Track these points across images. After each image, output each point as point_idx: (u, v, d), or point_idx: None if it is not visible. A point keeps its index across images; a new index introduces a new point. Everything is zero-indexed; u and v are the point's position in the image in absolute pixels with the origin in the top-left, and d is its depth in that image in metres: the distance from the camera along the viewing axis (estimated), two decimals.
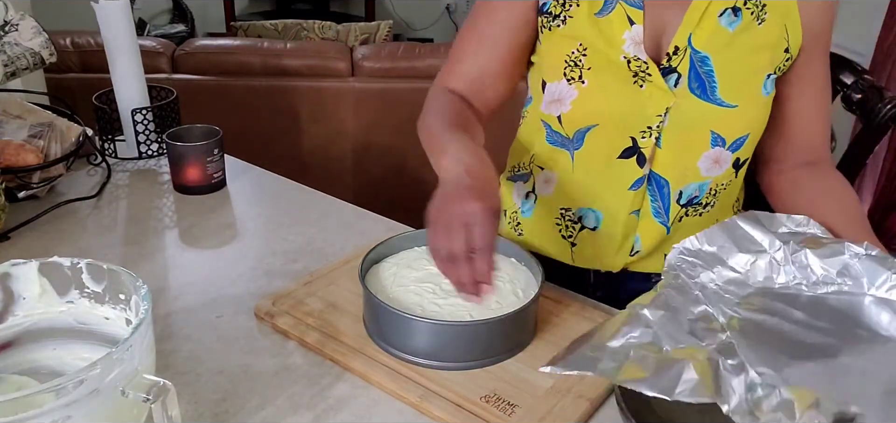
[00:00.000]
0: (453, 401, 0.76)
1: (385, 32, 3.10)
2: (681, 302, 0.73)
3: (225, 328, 0.90)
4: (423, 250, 0.97)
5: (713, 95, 0.92)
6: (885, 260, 0.76)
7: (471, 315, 0.84)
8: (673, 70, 0.93)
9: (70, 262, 0.69)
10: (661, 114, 0.93)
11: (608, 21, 0.93)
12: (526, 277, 0.92)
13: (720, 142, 0.95)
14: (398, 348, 0.83)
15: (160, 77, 2.26)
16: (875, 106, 1.49)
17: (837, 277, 0.77)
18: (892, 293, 0.74)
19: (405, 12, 4.72)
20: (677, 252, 0.81)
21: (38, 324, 0.70)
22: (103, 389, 0.55)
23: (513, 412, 0.74)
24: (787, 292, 0.77)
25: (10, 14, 1.27)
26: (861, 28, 2.82)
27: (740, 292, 0.77)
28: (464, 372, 0.81)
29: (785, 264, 0.79)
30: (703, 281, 0.77)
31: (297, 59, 2.35)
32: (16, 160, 1.16)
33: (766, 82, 0.94)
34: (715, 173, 0.98)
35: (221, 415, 0.75)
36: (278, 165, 1.46)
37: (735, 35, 0.92)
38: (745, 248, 0.81)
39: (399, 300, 0.86)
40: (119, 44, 1.36)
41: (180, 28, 4.07)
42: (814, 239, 0.82)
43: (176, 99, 1.45)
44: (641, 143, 0.95)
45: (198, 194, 1.27)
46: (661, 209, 1.00)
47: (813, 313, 0.74)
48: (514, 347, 0.84)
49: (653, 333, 0.67)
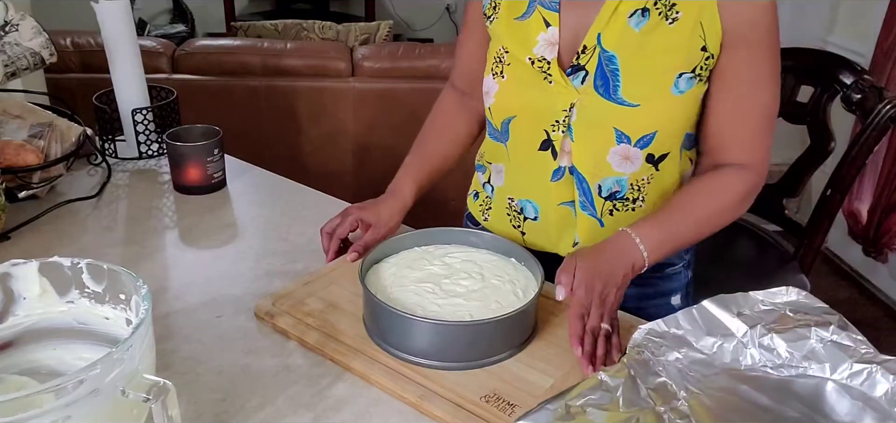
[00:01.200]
0: (453, 401, 0.77)
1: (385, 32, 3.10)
2: (642, 374, 0.77)
3: (225, 328, 0.90)
4: (422, 250, 0.98)
5: (615, 94, 0.96)
6: (848, 349, 0.79)
7: (471, 315, 0.84)
8: (581, 68, 0.98)
9: (70, 262, 0.69)
10: (566, 109, 0.99)
11: (526, 25, 1.02)
12: (526, 277, 0.93)
13: (625, 139, 0.98)
14: (398, 348, 0.83)
15: (160, 77, 2.26)
16: (875, 106, 1.49)
17: (802, 361, 0.80)
18: (852, 381, 0.76)
19: (405, 12, 4.71)
20: (644, 332, 0.83)
21: (38, 324, 0.70)
22: (103, 389, 0.55)
23: (513, 411, 0.75)
24: (754, 373, 0.80)
25: (10, 14, 1.27)
26: (861, 28, 2.82)
27: (706, 371, 0.80)
28: (464, 372, 0.81)
29: (751, 346, 0.81)
30: (667, 359, 0.80)
31: (297, 59, 2.34)
32: (16, 160, 1.16)
33: (677, 81, 0.95)
34: (628, 169, 1.00)
35: (221, 415, 0.75)
36: (278, 165, 1.45)
37: (642, 35, 0.95)
38: (712, 331, 0.83)
39: (399, 300, 0.87)
40: (119, 44, 1.37)
41: (180, 28, 4.07)
42: (782, 319, 0.84)
43: (176, 99, 1.45)
44: (553, 136, 1.02)
45: (198, 194, 1.27)
46: (588, 203, 1.04)
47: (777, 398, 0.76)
48: (514, 347, 0.85)
49: (611, 396, 0.72)
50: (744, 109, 0.97)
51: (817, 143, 1.62)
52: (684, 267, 1.13)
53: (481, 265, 0.95)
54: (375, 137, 2.41)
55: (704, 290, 0.98)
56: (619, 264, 0.89)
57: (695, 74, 0.95)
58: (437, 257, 0.97)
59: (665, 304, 1.12)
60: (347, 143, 2.44)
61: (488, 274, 0.94)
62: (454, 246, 1.00)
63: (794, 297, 0.86)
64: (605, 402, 0.72)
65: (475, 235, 1.01)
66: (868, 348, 0.78)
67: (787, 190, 1.67)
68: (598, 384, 0.74)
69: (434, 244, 1.00)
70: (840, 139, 1.62)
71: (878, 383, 0.75)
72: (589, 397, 0.72)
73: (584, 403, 0.71)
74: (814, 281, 1.57)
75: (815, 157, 1.62)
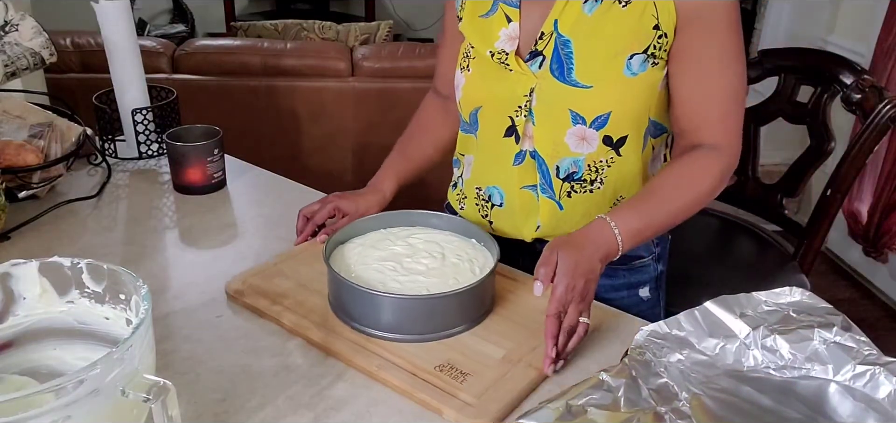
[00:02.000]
0: (409, 370, 0.82)
1: (385, 32, 3.10)
2: (643, 375, 0.77)
3: (225, 328, 0.90)
4: (387, 231, 1.03)
5: (569, 77, 1.00)
6: (851, 350, 0.79)
7: (428, 291, 0.89)
8: (539, 53, 1.02)
9: (70, 262, 0.69)
10: (527, 94, 1.03)
11: (489, 22, 1.07)
12: (484, 256, 0.97)
13: (581, 120, 1.01)
14: (359, 322, 0.88)
15: (160, 77, 2.26)
16: (875, 106, 1.49)
17: (805, 362, 0.79)
18: (855, 382, 0.76)
19: (405, 12, 4.71)
20: (646, 333, 0.83)
21: (39, 324, 0.70)
22: (103, 389, 0.55)
23: (464, 379, 0.80)
24: (756, 374, 0.80)
25: (10, 14, 1.27)
26: (861, 28, 2.82)
27: (708, 372, 0.79)
28: (421, 345, 0.86)
29: (754, 348, 0.81)
30: (669, 360, 0.80)
31: (297, 59, 2.34)
32: (16, 160, 1.16)
33: (629, 63, 0.98)
34: (585, 150, 1.03)
35: (221, 415, 0.75)
36: (278, 165, 1.46)
37: (594, 19, 0.99)
38: (714, 333, 0.83)
39: (361, 277, 0.91)
40: (119, 44, 1.37)
41: (180, 28, 4.07)
42: (785, 320, 0.83)
43: (176, 99, 1.44)
44: (517, 121, 1.05)
45: (198, 194, 1.27)
46: (547, 185, 1.07)
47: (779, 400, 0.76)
48: (469, 321, 0.90)
49: (612, 396, 0.73)
50: (708, 89, 0.99)
51: (817, 143, 1.62)
52: (653, 260, 1.15)
53: (443, 245, 1.00)
54: (375, 136, 2.41)
55: (704, 290, 0.99)
56: (597, 256, 0.90)
57: (648, 54, 0.97)
58: (401, 238, 1.02)
59: (633, 295, 1.14)
60: (347, 142, 2.44)
61: (449, 253, 0.98)
62: (418, 228, 1.04)
63: (798, 297, 0.85)
64: (607, 402, 0.72)
65: (438, 217, 1.05)
66: (871, 349, 0.78)
67: (787, 190, 1.67)
68: (599, 384, 0.74)
69: (399, 226, 1.04)
70: (840, 139, 1.62)
71: (881, 385, 0.74)
72: (590, 396, 0.72)
73: (586, 402, 0.71)
74: (814, 281, 1.57)
75: (815, 157, 1.62)
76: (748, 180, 1.72)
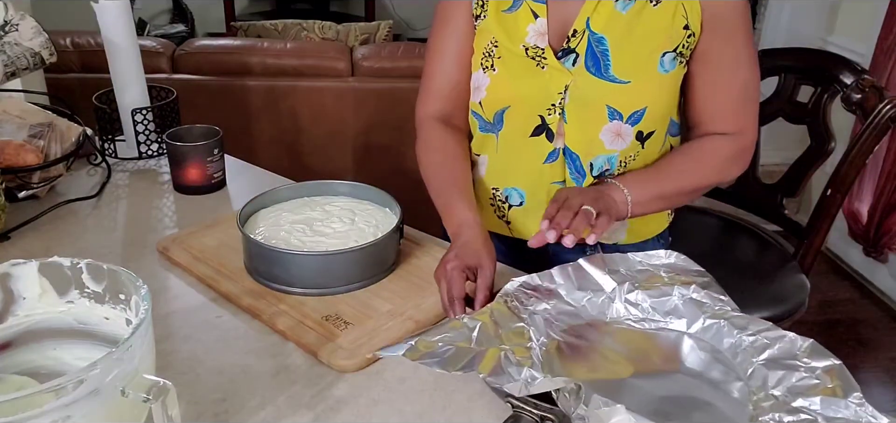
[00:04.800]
0: (297, 318, 0.89)
1: (385, 32, 3.09)
2: (504, 320, 0.80)
3: (225, 328, 0.90)
4: (310, 199, 1.10)
5: (607, 73, 1.02)
6: (703, 305, 0.84)
7: (326, 249, 0.96)
8: (572, 51, 1.03)
9: (70, 262, 0.69)
10: (561, 92, 1.04)
11: (514, 17, 1.07)
12: (391, 222, 1.03)
13: (617, 116, 1.03)
14: (264, 277, 0.96)
15: (160, 77, 2.25)
16: (875, 106, 1.49)
17: (664, 316, 0.85)
18: (704, 334, 0.82)
19: (405, 12, 4.71)
20: (517, 284, 0.87)
21: (38, 324, 0.70)
22: (103, 389, 0.55)
23: (346, 328, 0.87)
24: (618, 325, 0.85)
25: (10, 14, 1.27)
26: (861, 28, 2.82)
27: (571, 321, 0.84)
28: (319, 298, 0.93)
29: (617, 301, 0.87)
30: (534, 309, 0.84)
31: (296, 59, 2.34)
32: (16, 160, 1.16)
33: (662, 60, 1.02)
34: (619, 146, 1.06)
35: (221, 415, 0.75)
36: (278, 165, 1.45)
37: (629, 17, 1.01)
38: (583, 287, 0.88)
39: (268, 237, 0.99)
40: (119, 44, 1.36)
41: (180, 28, 4.06)
42: (651, 278, 0.88)
43: (176, 99, 1.44)
44: (549, 119, 1.06)
45: (198, 194, 1.27)
46: (580, 181, 1.09)
47: (623, 341, 0.82)
48: (367, 278, 0.97)
49: (466, 334, 0.76)
50: (725, 84, 1.05)
51: (817, 143, 1.62)
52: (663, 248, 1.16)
53: (356, 212, 1.07)
54: (375, 136, 2.41)
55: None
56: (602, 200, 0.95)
57: (677, 53, 1.02)
58: (320, 204, 1.09)
59: None
60: (347, 143, 2.44)
61: (359, 219, 1.05)
62: (340, 197, 1.11)
63: (672, 260, 0.92)
64: (459, 339, 0.75)
65: (362, 188, 1.11)
66: (724, 306, 0.83)
67: (787, 190, 1.67)
68: (458, 326, 0.77)
69: (322, 195, 1.11)
70: (840, 139, 1.62)
71: (724, 337, 0.80)
72: (445, 335, 0.76)
73: (440, 338, 0.75)
74: (814, 281, 1.56)
75: (815, 157, 1.62)
76: (748, 180, 1.72)
